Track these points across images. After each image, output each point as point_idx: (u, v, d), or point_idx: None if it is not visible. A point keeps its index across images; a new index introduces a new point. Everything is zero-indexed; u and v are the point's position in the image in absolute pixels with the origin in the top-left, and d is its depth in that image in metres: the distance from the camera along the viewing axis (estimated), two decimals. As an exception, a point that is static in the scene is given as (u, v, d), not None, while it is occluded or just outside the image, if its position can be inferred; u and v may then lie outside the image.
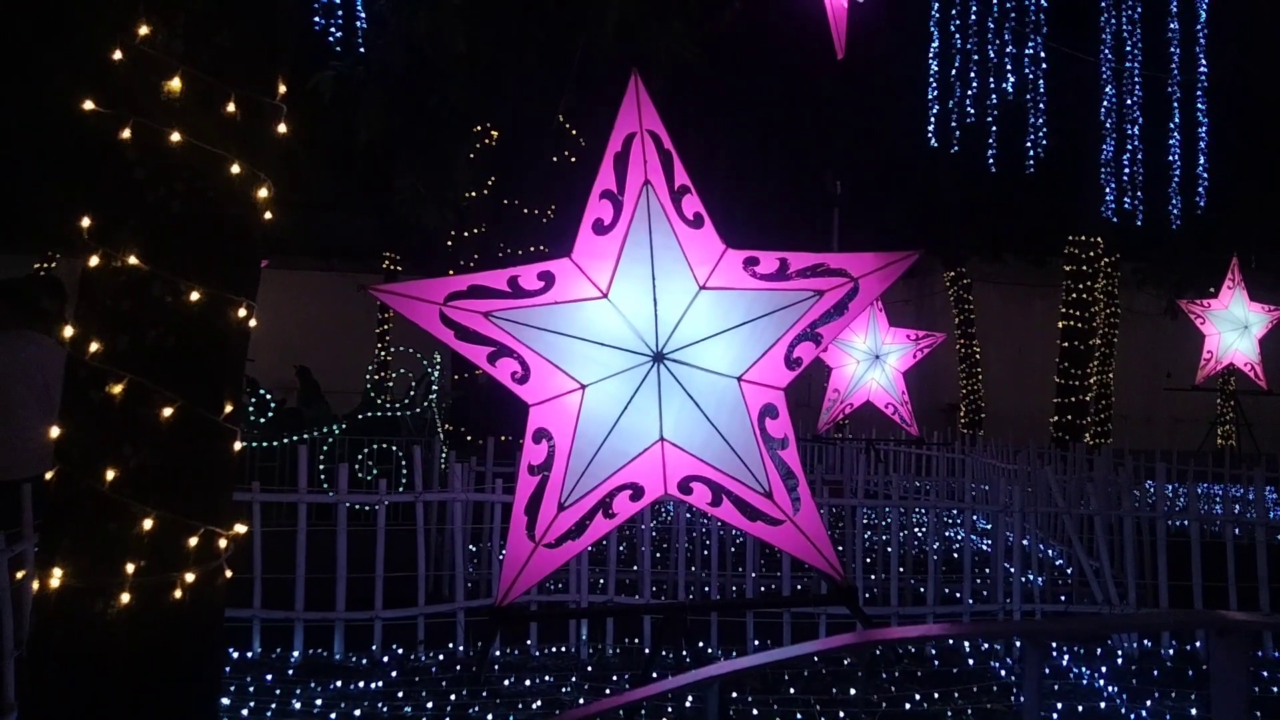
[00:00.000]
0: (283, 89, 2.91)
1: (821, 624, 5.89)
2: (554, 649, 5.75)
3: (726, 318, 3.54)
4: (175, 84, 2.60)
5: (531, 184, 10.25)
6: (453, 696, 4.82)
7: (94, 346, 2.59)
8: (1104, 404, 18.19)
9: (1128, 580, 6.20)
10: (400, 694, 4.87)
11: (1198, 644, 5.97)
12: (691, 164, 3.48)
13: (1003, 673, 5.38)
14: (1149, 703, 4.90)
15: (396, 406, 7.95)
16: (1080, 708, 4.83)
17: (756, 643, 5.79)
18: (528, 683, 5.05)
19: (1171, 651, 5.92)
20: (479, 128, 10.18)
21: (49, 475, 2.61)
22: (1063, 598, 6.85)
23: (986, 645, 5.66)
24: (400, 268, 16.90)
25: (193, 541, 2.66)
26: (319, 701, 4.72)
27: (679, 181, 3.45)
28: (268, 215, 2.94)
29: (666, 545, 7.35)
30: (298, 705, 4.65)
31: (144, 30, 2.60)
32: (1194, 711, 4.78)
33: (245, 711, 4.55)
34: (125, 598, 2.54)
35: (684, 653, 4.25)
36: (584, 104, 10.50)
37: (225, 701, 4.57)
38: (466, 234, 9.92)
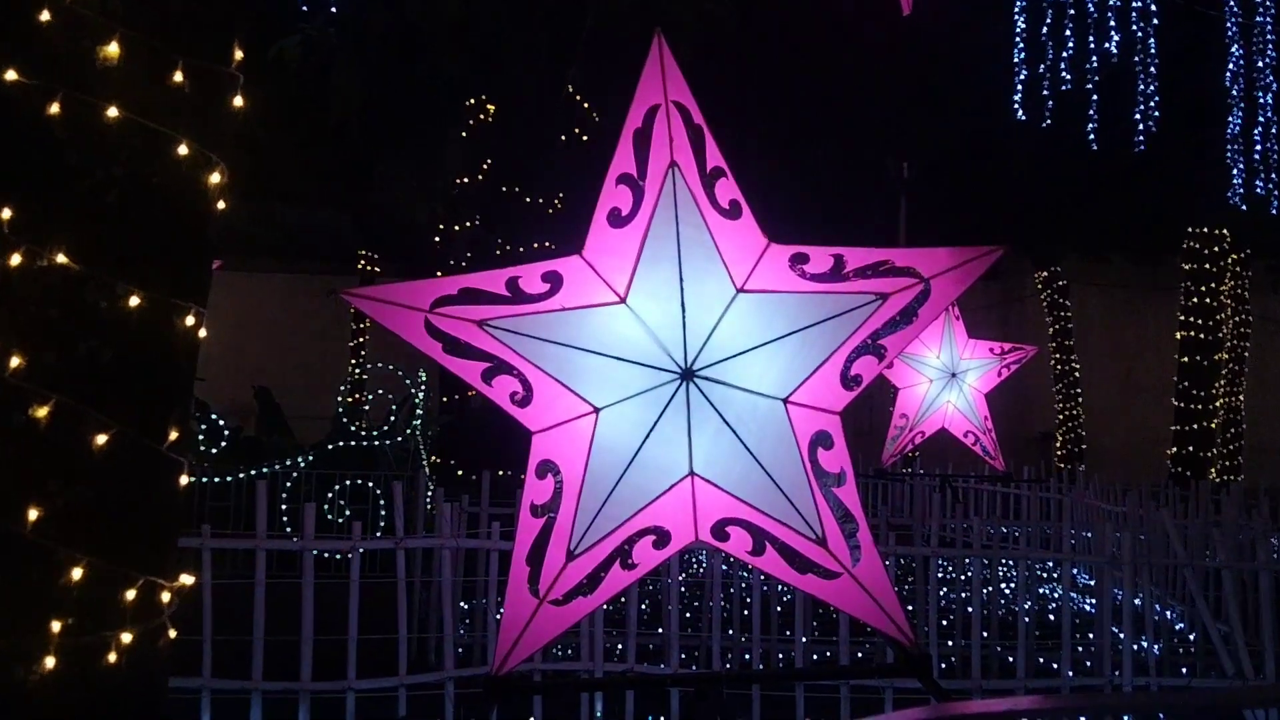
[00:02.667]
0: (239, 56, 2.94)
1: (887, 699, 5.80)
2: (562, 729, 5.74)
3: (770, 327, 3.56)
4: (112, 49, 2.61)
5: (535, 168, 10.21)
6: (440, 785, 4.68)
7: (15, 362, 2.59)
8: (1233, 432, 17.92)
9: (1264, 647, 6.08)
10: (377, 782, 4.74)
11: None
12: (727, 143, 3.51)
13: (1111, 760, 5.33)
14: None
15: (374, 435, 8.03)
16: (1207, 804, 4.78)
17: (808, 722, 5.76)
18: (530, 770, 4.91)
19: (1320, 735, 5.83)
20: (473, 102, 10.21)
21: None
22: (1184, 669, 6.79)
23: (1090, 727, 5.60)
24: (379, 269, 16.83)
25: (130, 595, 2.66)
26: (280, 790, 4.60)
27: (712, 163, 3.47)
28: (221, 205, 2.96)
29: (698, 604, 7.25)
30: (254, 794, 4.57)
31: (76, -14, 2.57)
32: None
33: (192, 801, 4.43)
34: (50, 662, 2.53)
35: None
36: (598, 73, 10.44)
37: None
38: (458, 228, 9.98)
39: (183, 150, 2.71)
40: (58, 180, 2.65)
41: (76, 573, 2.57)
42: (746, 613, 6.54)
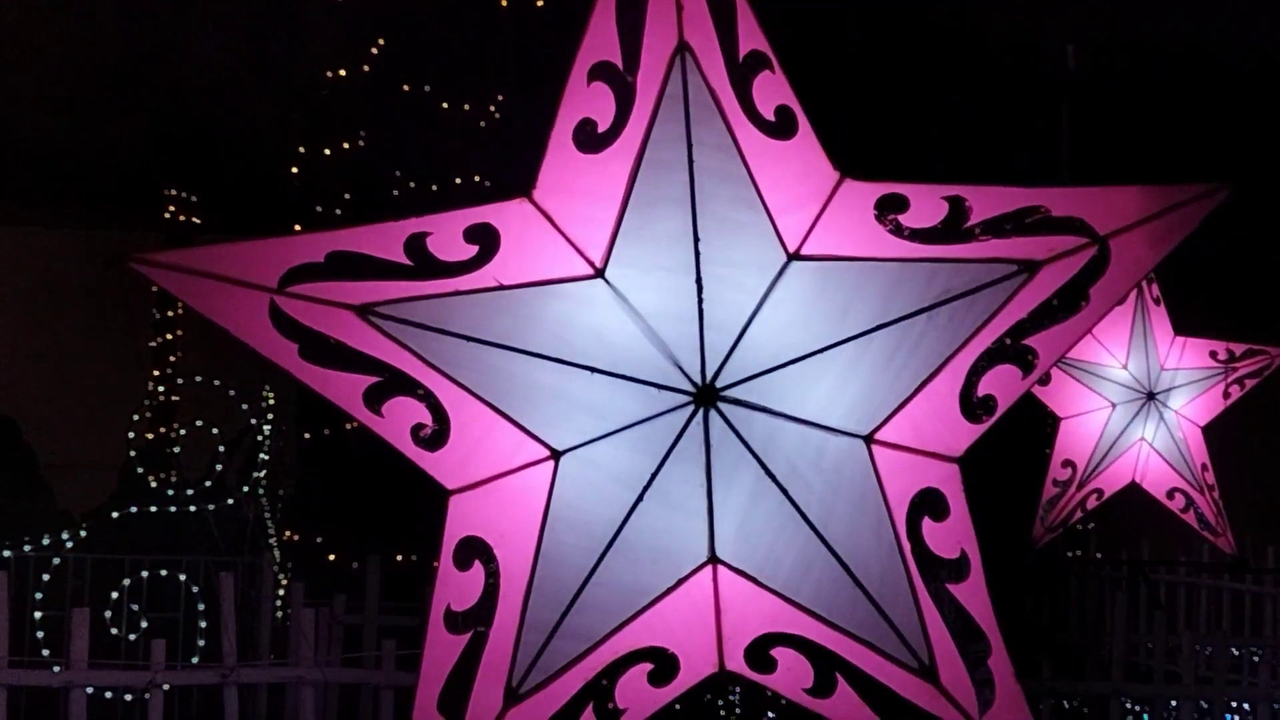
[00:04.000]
0: None
1: None
2: None
3: (842, 317, 3.10)
4: None
5: (456, 53, 8.41)
6: None
7: None
8: None
9: None
10: None
11: None
12: (773, 21, 3.05)
13: None
14: None
15: (188, 495, 6.83)
16: None
17: None
18: None
19: None
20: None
21: None
22: None
23: None
24: (199, 219, 13.69)
25: None
26: None
27: (748, 45, 3.00)
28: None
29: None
30: None
31: None
32: None
33: None
34: None
35: None
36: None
37: None
38: (329, 151, 8.36)
39: None
40: None
41: None
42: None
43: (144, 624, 6.05)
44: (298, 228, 7.29)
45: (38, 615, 6.10)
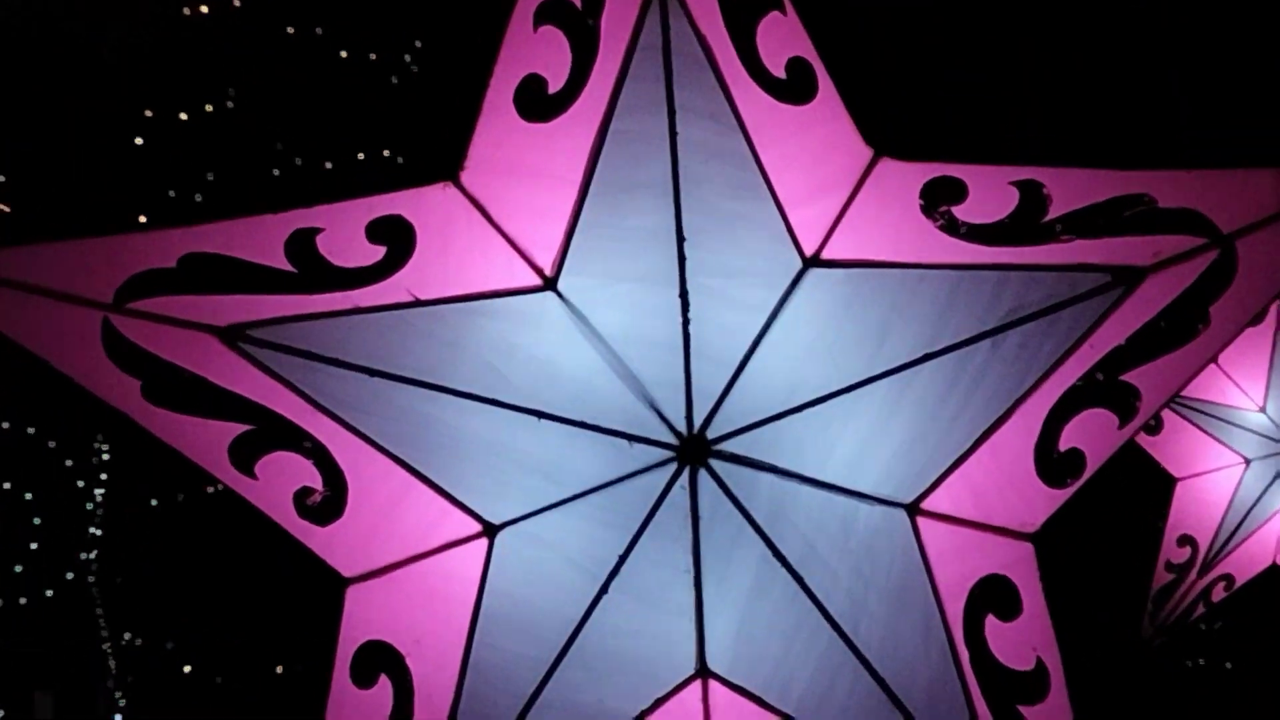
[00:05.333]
0: None
1: None
2: None
3: (877, 343, 2.84)
4: None
5: None
6: None
7: None
8: None
9: None
10: None
11: None
12: None
13: None
14: None
15: None
16: None
17: None
18: None
19: None
20: None
21: None
22: None
23: None
24: (6, 206, 13.73)
25: None
26: None
27: None
28: None
29: None
30: None
31: None
32: None
33: None
34: None
35: None
36: None
37: None
38: (185, 116, 7.96)
39: None
40: None
41: None
42: None
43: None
44: (143, 219, 6.91)
45: None
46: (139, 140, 7.28)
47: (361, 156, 6.87)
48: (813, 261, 2.77)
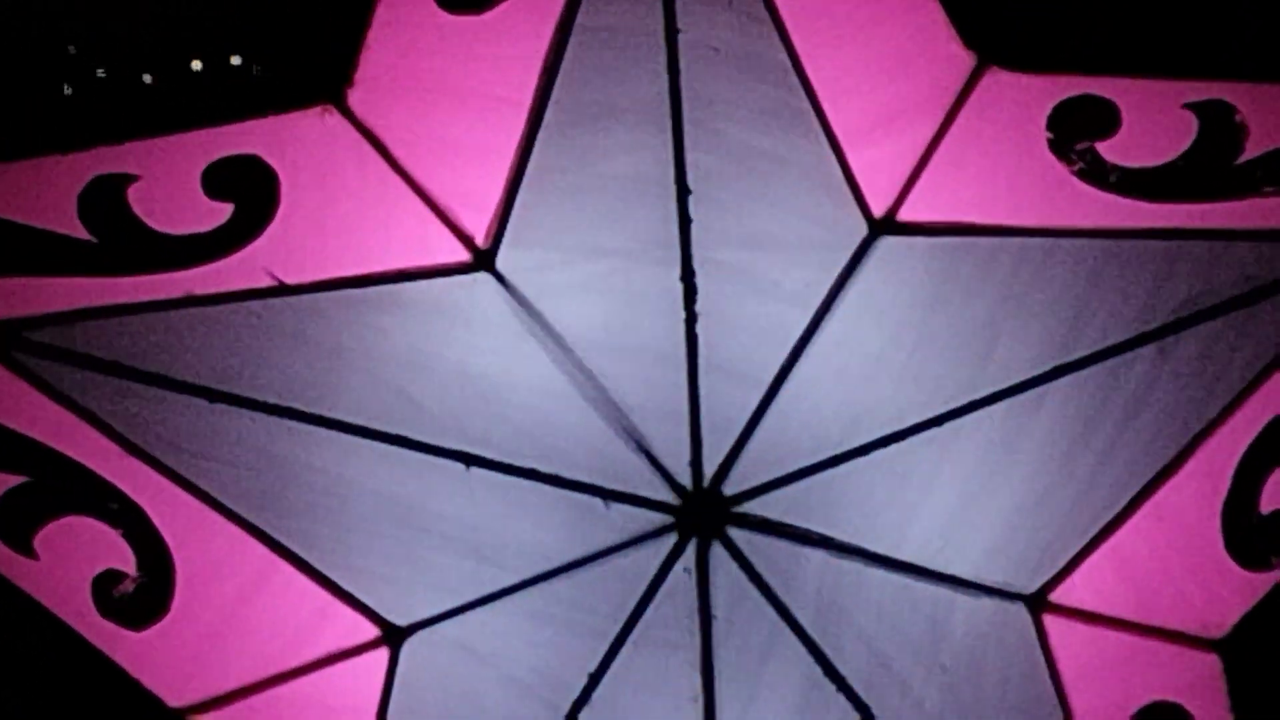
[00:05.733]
0: None
1: None
2: None
3: (983, 351, 2.25)
4: None
5: None
6: None
7: None
8: None
9: None
10: None
11: None
12: None
13: None
14: None
15: None
16: None
17: None
18: None
19: None
20: None
21: None
22: None
23: None
24: None
25: None
26: None
27: None
28: None
29: None
30: None
31: None
32: None
33: None
34: None
35: None
36: None
37: None
38: None
39: None
40: None
41: None
42: None
43: None
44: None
45: None
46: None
47: (198, 65, 6.22)
48: (885, 226, 2.20)
